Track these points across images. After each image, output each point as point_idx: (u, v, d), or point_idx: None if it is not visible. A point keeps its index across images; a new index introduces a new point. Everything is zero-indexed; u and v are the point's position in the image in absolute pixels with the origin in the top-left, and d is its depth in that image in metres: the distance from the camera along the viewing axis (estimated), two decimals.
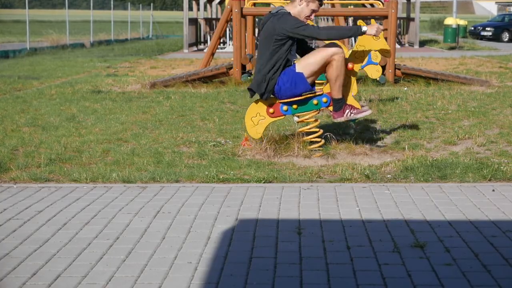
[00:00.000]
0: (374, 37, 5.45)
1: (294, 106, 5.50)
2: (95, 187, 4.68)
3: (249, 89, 5.55)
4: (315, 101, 5.50)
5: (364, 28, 5.26)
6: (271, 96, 5.50)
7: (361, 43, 5.52)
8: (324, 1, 5.66)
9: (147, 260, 3.23)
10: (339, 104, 5.42)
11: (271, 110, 5.54)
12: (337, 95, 5.40)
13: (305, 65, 5.35)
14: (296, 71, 5.33)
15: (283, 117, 5.62)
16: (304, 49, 5.62)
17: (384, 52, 5.57)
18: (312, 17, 5.47)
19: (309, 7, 5.38)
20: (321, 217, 3.92)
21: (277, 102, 5.52)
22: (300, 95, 5.40)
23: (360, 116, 5.46)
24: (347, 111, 5.42)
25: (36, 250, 3.38)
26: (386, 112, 7.79)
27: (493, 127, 6.83)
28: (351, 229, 3.69)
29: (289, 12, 5.37)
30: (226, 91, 9.85)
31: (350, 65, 5.46)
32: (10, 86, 10.82)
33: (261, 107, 5.57)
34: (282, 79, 5.35)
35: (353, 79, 5.59)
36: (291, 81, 5.33)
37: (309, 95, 5.44)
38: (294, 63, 5.44)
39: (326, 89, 5.54)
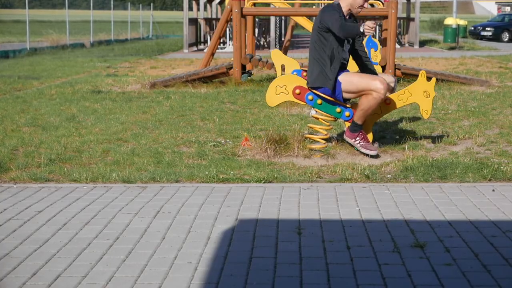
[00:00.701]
0: (425, 93, 5.42)
1: (319, 101, 5.50)
2: (95, 187, 4.68)
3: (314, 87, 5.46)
4: (338, 109, 5.51)
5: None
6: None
7: (411, 90, 5.49)
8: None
9: (147, 260, 3.23)
10: (356, 128, 5.44)
11: (297, 91, 5.52)
12: (359, 120, 5.44)
13: (347, 79, 5.35)
14: (338, 77, 5.36)
15: (303, 103, 5.62)
16: (357, 54, 5.62)
17: (423, 112, 5.49)
18: (366, 5, 5.43)
19: None
20: (321, 217, 3.92)
21: (306, 87, 5.50)
22: (330, 96, 5.43)
23: (363, 150, 5.43)
24: (358, 138, 5.44)
25: (36, 250, 3.38)
26: None
27: (493, 127, 6.83)
28: (351, 229, 3.69)
29: (338, 4, 5.36)
30: (226, 91, 9.85)
31: (388, 101, 5.50)
32: (10, 86, 10.82)
33: (292, 83, 5.53)
34: None
35: (380, 116, 5.62)
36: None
37: (337, 101, 5.48)
38: (343, 63, 5.43)
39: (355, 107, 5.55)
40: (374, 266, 3.14)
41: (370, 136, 5.58)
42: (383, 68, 10.47)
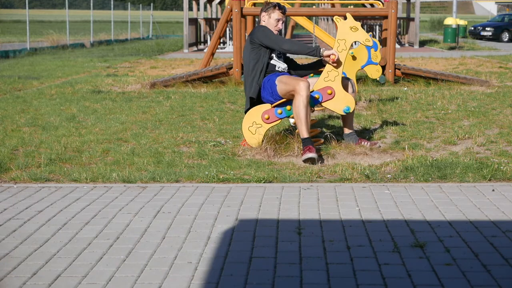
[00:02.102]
0: (352, 28, 5.48)
1: (288, 108, 5.52)
2: (95, 187, 4.68)
3: (251, 97, 5.63)
4: None
5: (322, 50, 5.43)
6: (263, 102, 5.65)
7: (340, 36, 5.52)
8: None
9: (147, 260, 3.23)
10: (303, 144, 5.33)
11: (266, 116, 5.56)
12: (301, 134, 5.37)
13: (280, 80, 5.49)
14: (275, 81, 5.50)
15: (279, 121, 5.63)
16: (289, 59, 5.84)
17: (365, 41, 5.51)
18: (280, 25, 5.69)
19: (272, 18, 5.70)
20: (321, 217, 3.92)
21: (270, 107, 5.54)
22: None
23: (304, 157, 5.22)
24: (304, 154, 5.26)
25: (36, 250, 3.38)
26: (386, 112, 7.79)
27: (493, 127, 6.83)
28: (351, 229, 3.69)
29: (259, 25, 5.73)
30: (226, 91, 9.86)
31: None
32: (10, 86, 10.83)
33: (256, 115, 5.58)
34: (265, 84, 5.55)
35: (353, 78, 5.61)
36: (270, 87, 5.52)
37: None
38: (280, 71, 5.62)
39: (316, 86, 5.54)
40: (374, 266, 3.14)
41: (352, 101, 5.50)
42: (383, 68, 10.47)
